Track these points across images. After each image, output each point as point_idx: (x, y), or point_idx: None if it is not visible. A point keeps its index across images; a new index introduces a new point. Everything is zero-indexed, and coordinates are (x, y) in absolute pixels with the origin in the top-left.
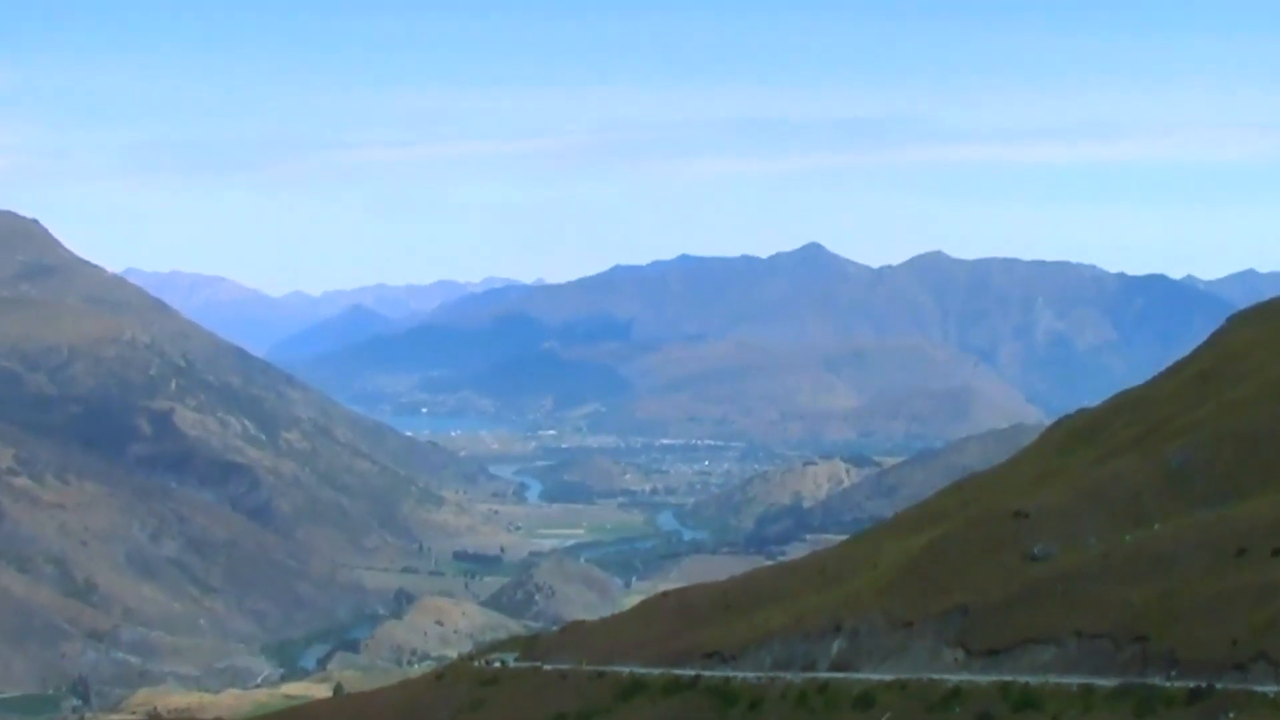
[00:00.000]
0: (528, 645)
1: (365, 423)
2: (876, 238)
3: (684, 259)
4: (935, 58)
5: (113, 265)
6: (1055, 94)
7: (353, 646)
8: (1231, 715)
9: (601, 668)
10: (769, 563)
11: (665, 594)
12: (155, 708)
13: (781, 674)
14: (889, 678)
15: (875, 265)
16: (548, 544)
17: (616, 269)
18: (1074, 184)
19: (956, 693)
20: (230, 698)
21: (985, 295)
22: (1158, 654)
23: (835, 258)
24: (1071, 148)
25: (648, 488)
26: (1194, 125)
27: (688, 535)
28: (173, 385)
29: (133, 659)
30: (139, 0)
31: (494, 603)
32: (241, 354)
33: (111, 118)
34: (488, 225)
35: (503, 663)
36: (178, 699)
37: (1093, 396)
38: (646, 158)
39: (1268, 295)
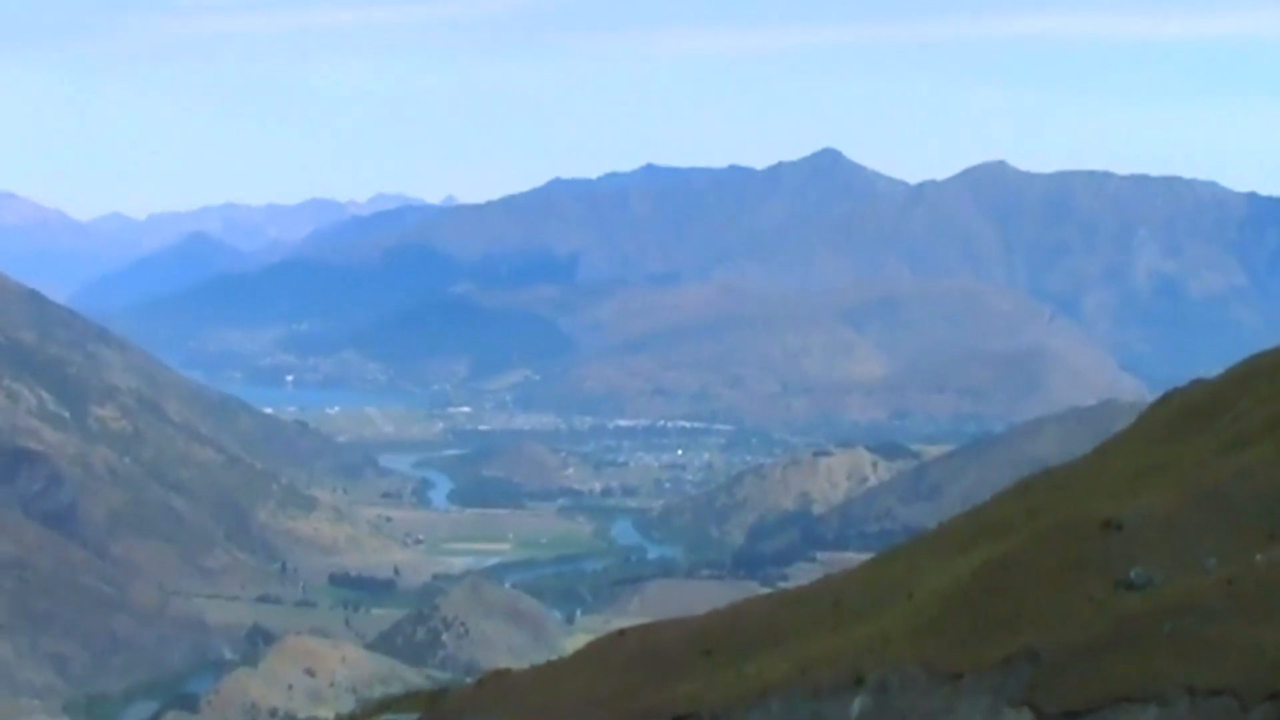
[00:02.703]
0: (432, 702)
1: (208, 395)
2: (915, 143)
3: (649, 171)
4: None
5: None
6: None
7: (190, 703)
8: None
9: None
10: (765, 591)
11: (622, 633)
12: None
13: None
14: None
15: (914, 180)
16: (459, 564)
17: (555, 185)
18: (1187, 71)
19: None
20: None
21: (1065, 222)
22: None
23: (858, 170)
24: (1183, 21)
25: (598, 486)
26: None
27: (654, 552)
28: None
29: None
30: None
31: (385, 644)
32: (36, 299)
33: None
34: (377, 124)
35: None
36: None
37: (1213, 363)
38: (595, 31)
39: None
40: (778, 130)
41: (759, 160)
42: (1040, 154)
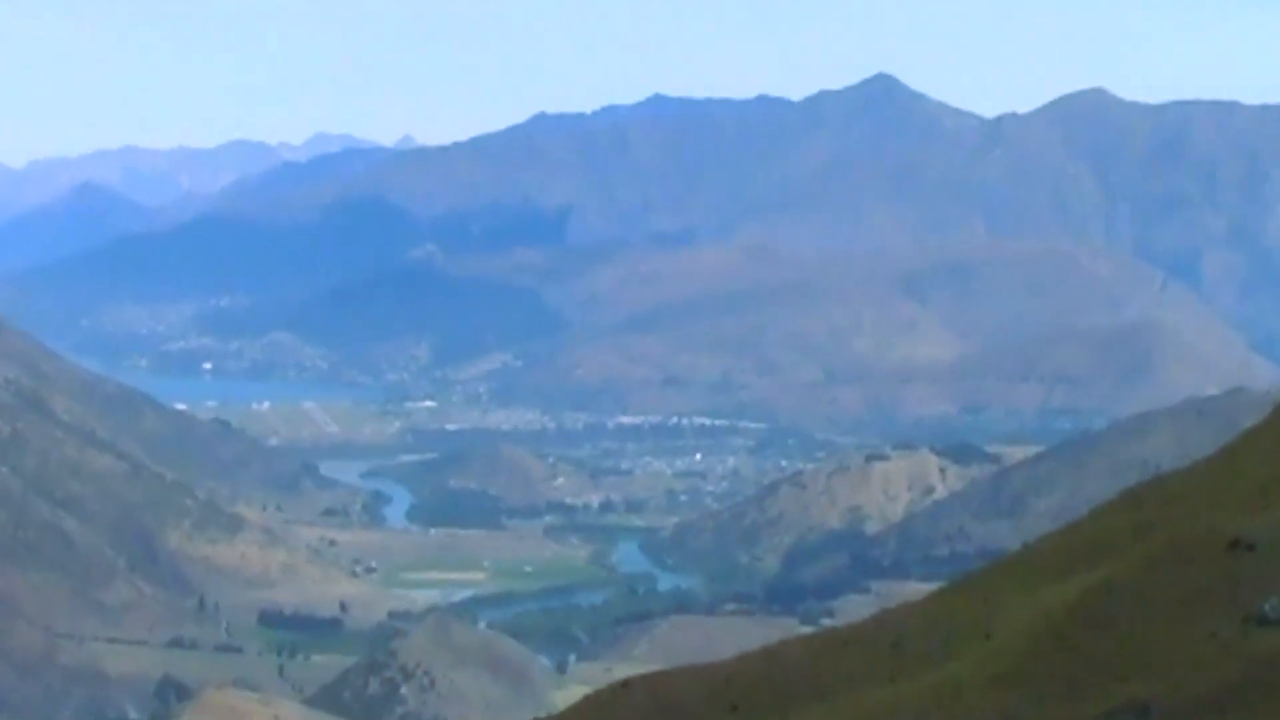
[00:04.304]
0: None
1: (105, 388)
2: (991, 67)
3: (657, 103)
4: None
5: None
6: None
7: None
8: None
9: None
10: (806, 630)
11: (627, 684)
12: None
13: None
14: None
15: (989, 114)
16: (422, 598)
17: (540, 121)
18: None
19: None
20: None
21: (1179, 165)
22: None
23: (920, 100)
24: None
25: (595, 500)
26: None
27: (666, 582)
28: None
29: None
30: None
31: (329, 699)
32: None
33: None
34: (316, 48)
35: None
36: None
37: None
38: None
39: None
40: (818, 52)
41: (795, 90)
42: (1148, 81)
